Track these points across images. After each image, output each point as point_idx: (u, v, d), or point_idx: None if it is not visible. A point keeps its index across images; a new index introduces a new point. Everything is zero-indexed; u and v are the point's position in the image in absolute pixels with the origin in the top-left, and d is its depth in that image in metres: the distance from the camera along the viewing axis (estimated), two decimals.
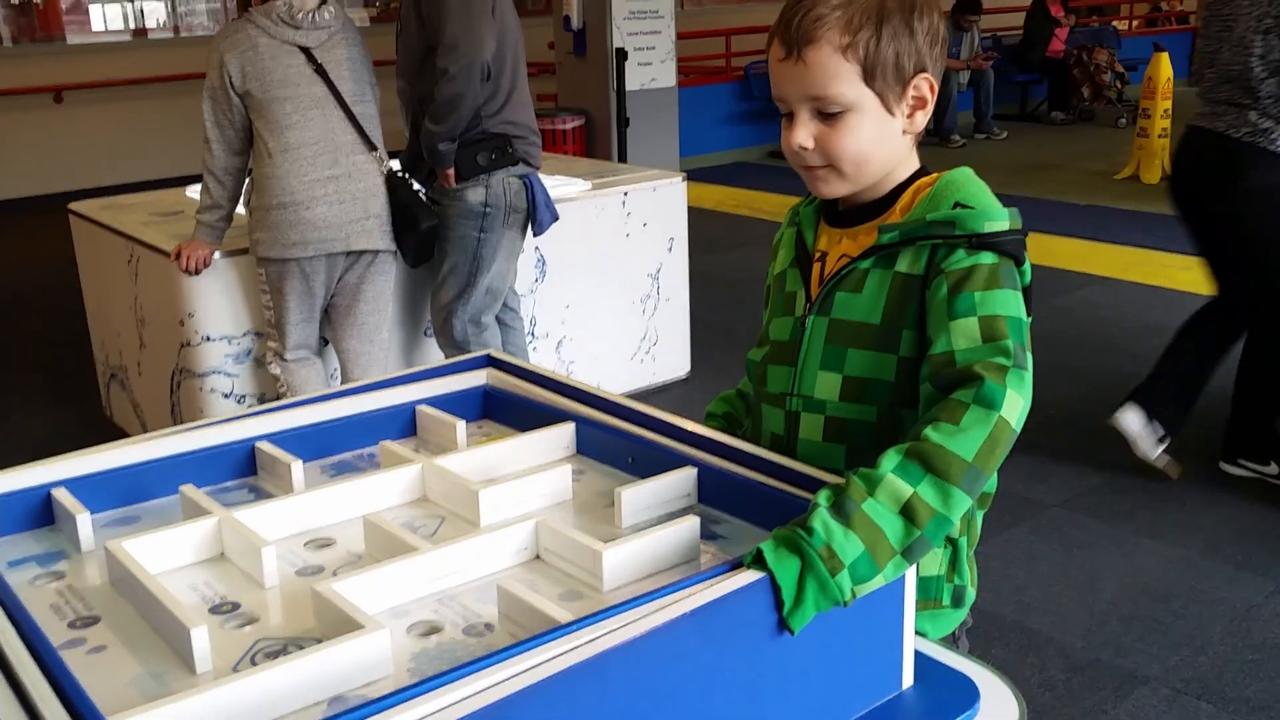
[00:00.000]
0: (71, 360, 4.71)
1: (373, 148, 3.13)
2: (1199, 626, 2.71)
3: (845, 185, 1.24)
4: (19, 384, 4.70)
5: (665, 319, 4.32)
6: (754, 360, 1.40)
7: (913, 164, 1.28)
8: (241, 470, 1.33)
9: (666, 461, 1.23)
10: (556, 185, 3.84)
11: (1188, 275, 5.62)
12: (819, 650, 0.99)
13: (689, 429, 1.26)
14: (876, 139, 1.21)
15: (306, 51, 3.03)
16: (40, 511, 1.20)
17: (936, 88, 1.23)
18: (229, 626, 1.00)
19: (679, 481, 1.20)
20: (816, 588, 0.95)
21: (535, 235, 3.46)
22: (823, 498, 1.01)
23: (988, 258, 1.16)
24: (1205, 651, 2.61)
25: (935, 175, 1.26)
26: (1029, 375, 1.10)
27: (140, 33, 9.72)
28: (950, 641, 1.29)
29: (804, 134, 1.21)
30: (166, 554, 1.10)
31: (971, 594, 1.34)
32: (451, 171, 3.22)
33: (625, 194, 4.10)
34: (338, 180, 3.05)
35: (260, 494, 1.28)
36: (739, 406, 1.47)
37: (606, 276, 4.11)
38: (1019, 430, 1.08)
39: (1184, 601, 2.81)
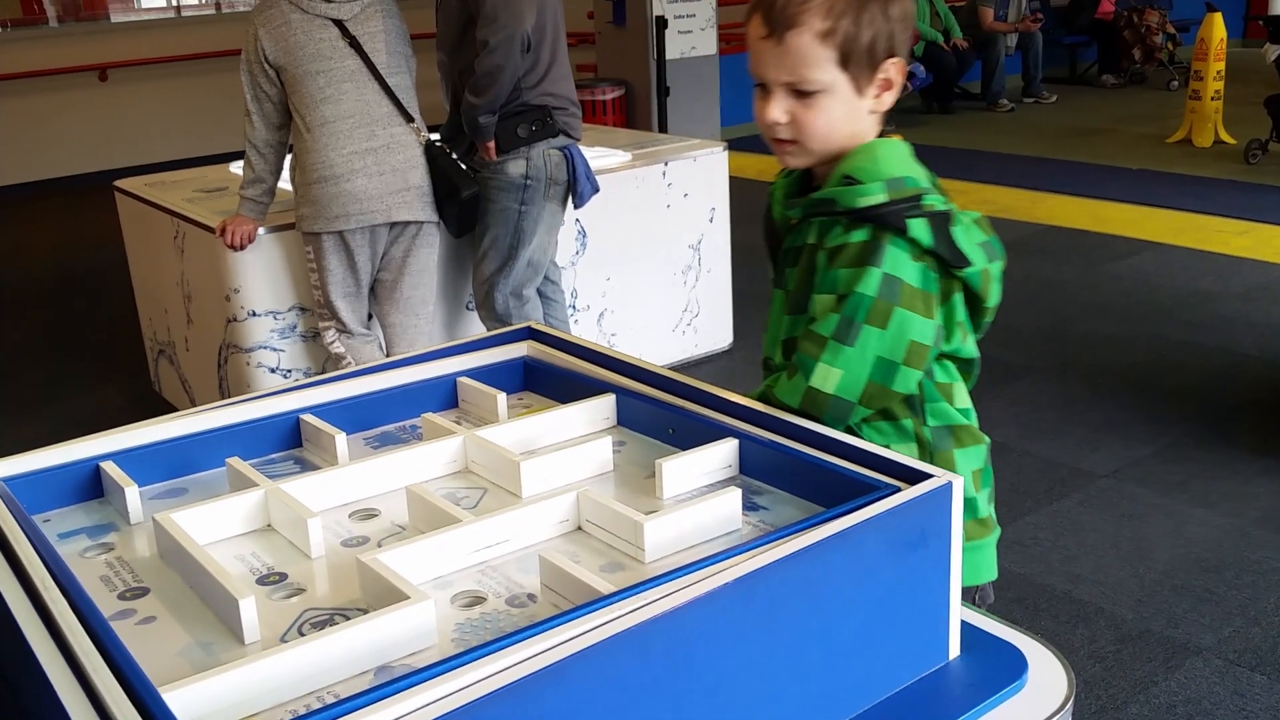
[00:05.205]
0: (120, 336, 4.79)
1: (410, 119, 3.14)
2: (1252, 597, 2.66)
3: (809, 159, 1.31)
4: (69, 360, 4.78)
5: (707, 290, 4.30)
6: None
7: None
8: (286, 443, 1.34)
9: (708, 433, 1.22)
10: (597, 156, 3.82)
11: (1241, 240, 5.52)
12: (864, 621, 0.98)
13: (730, 400, 1.25)
14: (844, 118, 1.27)
15: (340, 24, 3.04)
16: (90, 485, 1.22)
17: (905, 69, 1.28)
18: (276, 597, 1.01)
19: (720, 453, 1.19)
20: None
21: (576, 207, 3.45)
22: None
23: (859, 234, 1.23)
24: (1259, 622, 2.57)
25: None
26: (848, 349, 1.20)
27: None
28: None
29: (778, 110, 1.27)
30: (214, 526, 1.11)
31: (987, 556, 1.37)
32: (492, 144, 3.22)
33: (666, 164, 4.08)
34: (376, 152, 3.06)
35: (305, 466, 1.29)
36: None
37: (647, 248, 4.09)
38: (847, 395, 1.21)
39: (1237, 572, 2.77)
